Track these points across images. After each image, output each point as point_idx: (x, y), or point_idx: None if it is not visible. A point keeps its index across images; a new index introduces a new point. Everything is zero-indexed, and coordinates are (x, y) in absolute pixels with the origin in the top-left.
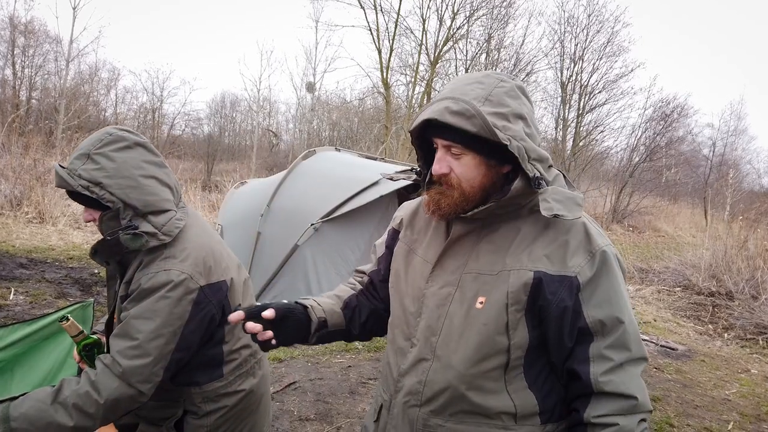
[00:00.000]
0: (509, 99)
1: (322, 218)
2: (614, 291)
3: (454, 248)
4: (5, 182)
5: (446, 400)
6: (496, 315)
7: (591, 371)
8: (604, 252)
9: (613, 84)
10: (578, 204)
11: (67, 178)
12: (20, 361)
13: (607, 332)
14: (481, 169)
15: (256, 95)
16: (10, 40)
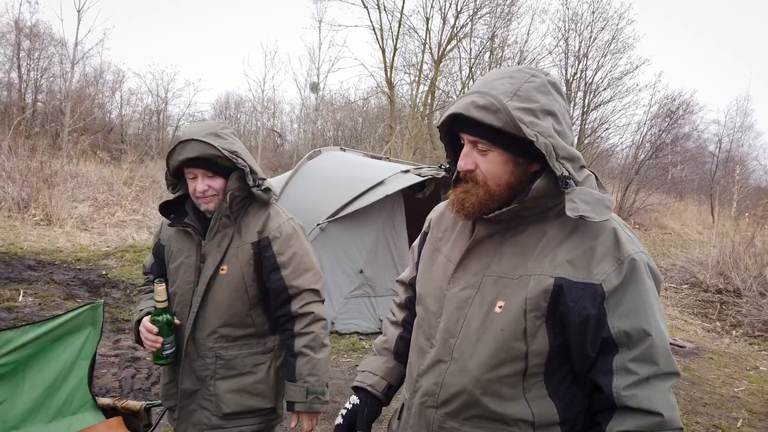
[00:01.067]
0: (539, 95)
1: (328, 218)
2: (642, 301)
3: (477, 249)
4: (12, 185)
5: (461, 404)
6: (514, 321)
7: (614, 384)
8: (633, 260)
9: (618, 81)
10: (606, 206)
11: (216, 146)
12: (31, 363)
13: (632, 344)
14: (507, 167)
15: (260, 96)
16: (16, 43)
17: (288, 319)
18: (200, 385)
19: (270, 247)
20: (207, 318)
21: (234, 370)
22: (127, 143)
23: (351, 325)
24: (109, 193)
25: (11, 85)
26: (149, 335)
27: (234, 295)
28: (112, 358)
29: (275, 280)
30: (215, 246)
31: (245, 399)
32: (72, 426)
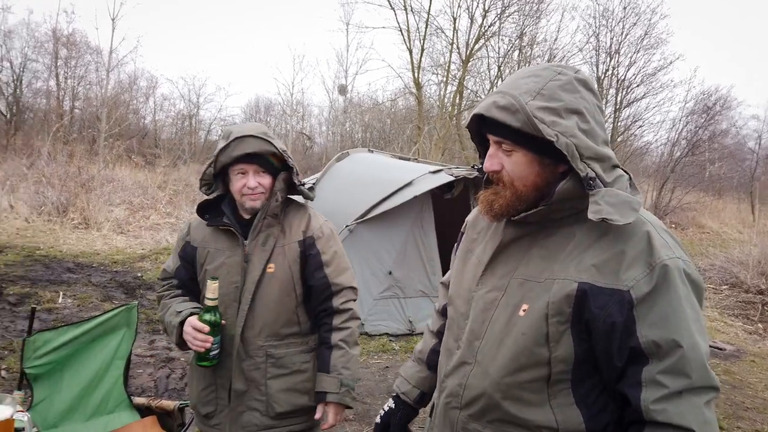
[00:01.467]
0: (564, 93)
1: (357, 220)
2: (673, 309)
3: (505, 252)
4: (52, 190)
5: (483, 407)
6: (535, 325)
7: (642, 397)
8: (666, 265)
9: (652, 77)
10: (633, 208)
11: (273, 142)
12: (69, 362)
13: (662, 356)
14: (533, 167)
15: (289, 99)
16: (54, 52)
17: (328, 314)
18: (249, 386)
19: (314, 246)
20: (256, 317)
21: (284, 369)
22: (161, 148)
23: (381, 327)
24: (143, 196)
25: (50, 93)
26: (199, 335)
27: (283, 292)
28: (148, 359)
29: (320, 278)
30: (260, 245)
31: (295, 398)
32: (108, 425)
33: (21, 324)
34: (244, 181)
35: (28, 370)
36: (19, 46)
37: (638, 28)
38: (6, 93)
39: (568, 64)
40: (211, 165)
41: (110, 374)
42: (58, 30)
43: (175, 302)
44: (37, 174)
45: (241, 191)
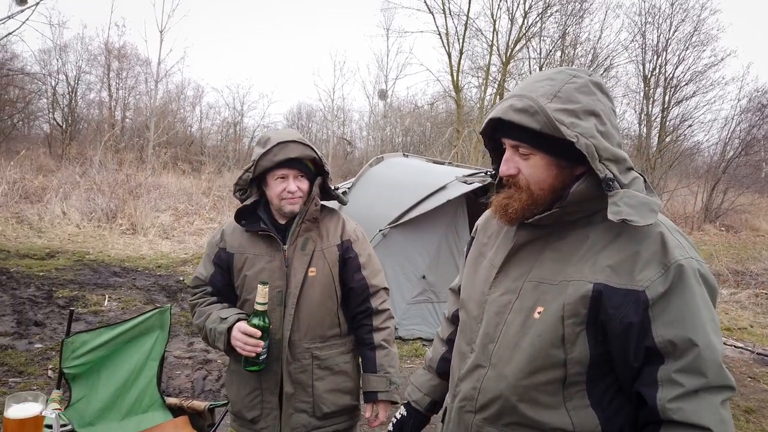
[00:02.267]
0: (580, 95)
1: (390, 224)
2: (688, 309)
3: (519, 255)
4: (102, 197)
5: (498, 410)
6: (551, 327)
7: (658, 396)
8: (681, 266)
9: (702, 75)
10: (653, 210)
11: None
12: (105, 363)
13: (678, 355)
14: (551, 171)
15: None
16: (106, 64)
17: (367, 315)
18: (296, 388)
19: (352, 249)
20: (302, 319)
21: (329, 370)
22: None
23: (414, 331)
24: (188, 202)
25: (102, 104)
26: (250, 340)
27: (325, 295)
28: (186, 360)
29: (358, 280)
30: (299, 249)
31: (339, 398)
32: (142, 423)
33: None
34: (284, 185)
35: (66, 370)
36: (74, 59)
37: (687, 25)
38: (62, 104)
39: (582, 67)
40: (249, 170)
41: (144, 375)
42: (110, 43)
43: (215, 309)
44: (89, 182)
45: (281, 195)
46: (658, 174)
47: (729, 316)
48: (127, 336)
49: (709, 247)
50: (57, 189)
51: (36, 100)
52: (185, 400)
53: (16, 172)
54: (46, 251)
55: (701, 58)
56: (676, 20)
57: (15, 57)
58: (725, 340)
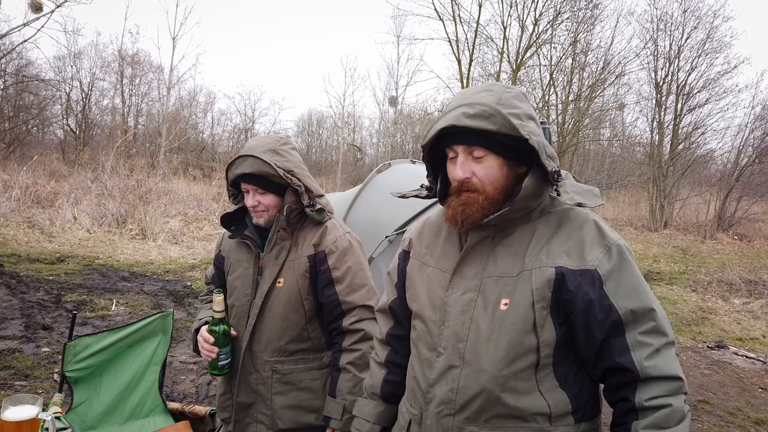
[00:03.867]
0: (518, 102)
1: (396, 230)
2: (637, 281)
3: (470, 255)
4: (113, 202)
5: (480, 405)
6: (523, 314)
7: (635, 358)
8: (619, 245)
9: (715, 82)
10: (596, 195)
11: (271, 163)
12: (107, 367)
13: (639, 320)
14: (503, 170)
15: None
16: (119, 71)
17: (338, 334)
18: (255, 398)
19: (325, 261)
20: (264, 331)
21: (290, 385)
22: (218, 161)
23: None
24: (198, 208)
25: (115, 110)
26: (205, 344)
27: (289, 308)
28: (191, 366)
29: (329, 295)
30: (273, 258)
31: (300, 415)
32: (144, 428)
33: (76, 330)
34: (247, 198)
35: (68, 374)
36: (88, 66)
37: (699, 32)
38: (76, 110)
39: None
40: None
41: (146, 379)
42: (124, 50)
43: (204, 309)
44: (100, 187)
45: (249, 207)
46: (671, 182)
47: (741, 326)
48: (129, 340)
49: (722, 255)
50: (68, 194)
51: (50, 106)
52: (187, 405)
53: (29, 177)
54: (57, 256)
55: (714, 65)
56: (688, 27)
57: (30, 64)
58: (736, 350)
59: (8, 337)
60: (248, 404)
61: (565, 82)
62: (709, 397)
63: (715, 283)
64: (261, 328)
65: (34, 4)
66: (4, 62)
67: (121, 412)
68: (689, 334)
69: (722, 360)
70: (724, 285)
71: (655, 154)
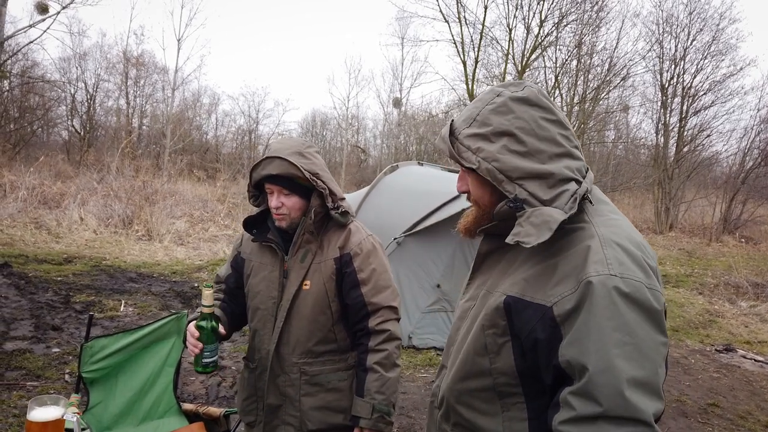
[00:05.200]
0: (494, 116)
1: (405, 232)
2: (588, 330)
3: (484, 264)
4: (119, 203)
5: (446, 409)
6: (474, 335)
7: (555, 417)
8: (590, 283)
9: (720, 84)
10: (549, 228)
11: (298, 165)
12: (123, 368)
13: (576, 377)
14: (485, 188)
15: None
16: (124, 72)
17: (364, 335)
18: (283, 400)
19: (351, 263)
20: (291, 333)
21: (318, 387)
22: (222, 162)
23: (428, 340)
24: (203, 209)
25: (120, 111)
26: (191, 339)
27: (317, 309)
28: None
29: (355, 297)
30: (298, 261)
31: (328, 416)
32: (158, 429)
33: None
34: (271, 200)
35: (85, 375)
36: (93, 67)
37: (705, 34)
38: (80, 112)
39: (519, 81)
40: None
41: (161, 380)
42: (129, 51)
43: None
44: (106, 188)
45: (271, 209)
46: (676, 184)
47: (749, 329)
48: (144, 341)
49: (728, 258)
50: (75, 195)
51: (55, 108)
52: (201, 406)
53: (35, 178)
54: (64, 256)
55: (720, 67)
56: (694, 30)
57: (36, 65)
58: (745, 354)
59: (19, 338)
60: (276, 406)
61: (570, 84)
62: (719, 401)
63: (722, 286)
64: (289, 331)
65: (40, 6)
66: (9, 63)
67: (136, 413)
68: (697, 337)
69: (731, 363)
70: (731, 288)
71: (660, 156)
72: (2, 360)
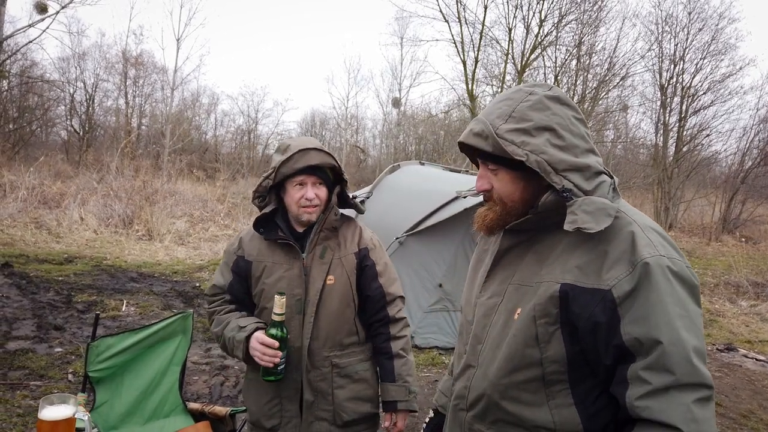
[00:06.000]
0: (533, 112)
1: (407, 232)
2: (652, 306)
3: (505, 259)
4: (119, 203)
5: (484, 407)
6: (524, 327)
7: (627, 394)
8: (647, 264)
9: (720, 84)
10: (609, 215)
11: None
12: (129, 367)
13: (645, 352)
14: (518, 184)
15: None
16: (123, 72)
17: (384, 324)
18: (315, 395)
19: (369, 257)
20: (321, 328)
21: (348, 378)
22: (221, 162)
23: (431, 340)
24: (203, 209)
25: (119, 111)
26: (269, 350)
27: (343, 303)
28: (203, 366)
29: (375, 288)
30: (318, 257)
31: (360, 406)
32: (164, 428)
33: (87, 330)
34: (303, 193)
35: (91, 374)
36: (92, 67)
37: (704, 34)
38: (80, 111)
39: (543, 82)
40: (269, 177)
41: (167, 379)
42: (128, 51)
43: (234, 317)
44: (106, 188)
45: (299, 203)
46: (675, 184)
47: (749, 328)
48: (150, 341)
49: (728, 258)
50: (75, 195)
51: (54, 108)
52: (207, 406)
53: (35, 178)
54: (65, 256)
55: (719, 67)
56: (693, 29)
57: (35, 65)
58: (746, 353)
59: (21, 338)
60: (310, 403)
61: (569, 83)
62: (722, 400)
63: (722, 286)
64: (318, 326)
65: (39, 6)
66: (8, 63)
67: (142, 413)
68: None
69: (732, 362)
70: (731, 287)
71: (659, 155)
72: (5, 360)
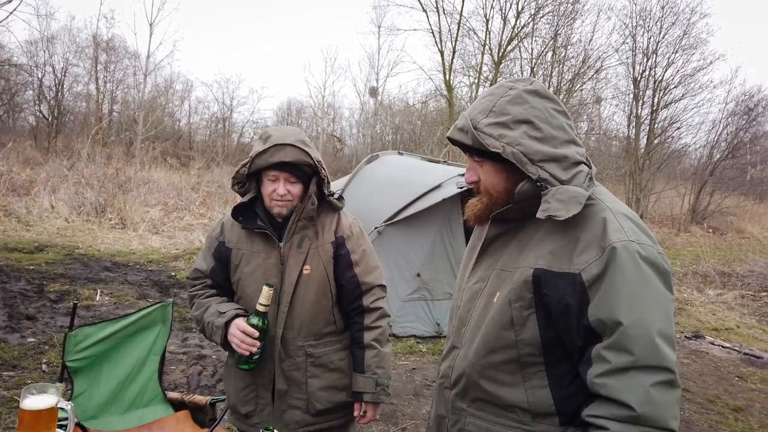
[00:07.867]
0: (511, 106)
1: (386, 222)
2: (616, 289)
3: (491, 247)
4: (91, 191)
5: (464, 386)
6: (500, 310)
7: (589, 372)
8: (614, 248)
9: (691, 78)
10: (579, 202)
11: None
12: (108, 357)
13: (608, 333)
14: (502, 175)
15: (320, 102)
16: (94, 57)
17: (358, 313)
18: (289, 385)
19: (344, 246)
20: (295, 317)
21: (323, 368)
22: (195, 150)
23: (408, 328)
24: (178, 198)
25: (90, 97)
26: (247, 339)
27: (319, 293)
28: (180, 356)
29: (350, 277)
30: (295, 247)
31: (334, 395)
32: (143, 418)
33: (61, 320)
34: (275, 187)
35: (69, 364)
36: (61, 51)
37: (677, 28)
38: (48, 97)
39: (526, 77)
40: (246, 165)
41: (146, 369)
42: (98, 35)
43: (214, 302)
44: (77, 175)
45: (271, 196)
46: (646, 175)
47: (716, 316)
48: (129, 330)
49: (696, 248)
50: (45, 182)
51: (22, 92)
52: (186, 395)
53: (3, 165)
54: (35, 245)
55: (690, 61)
56: (666, 23)
57: (1, 48)
58: (713, 340)
59: None
60: (283, 391)
61: (545, 75)
62: (689, 386)
63: (690, 275)
64: (293, 315)
65: None
66: None
67: (121, 402)
68: None
69: (699, 350)
70: (699, 277)
71: (631, 147)
72: None
